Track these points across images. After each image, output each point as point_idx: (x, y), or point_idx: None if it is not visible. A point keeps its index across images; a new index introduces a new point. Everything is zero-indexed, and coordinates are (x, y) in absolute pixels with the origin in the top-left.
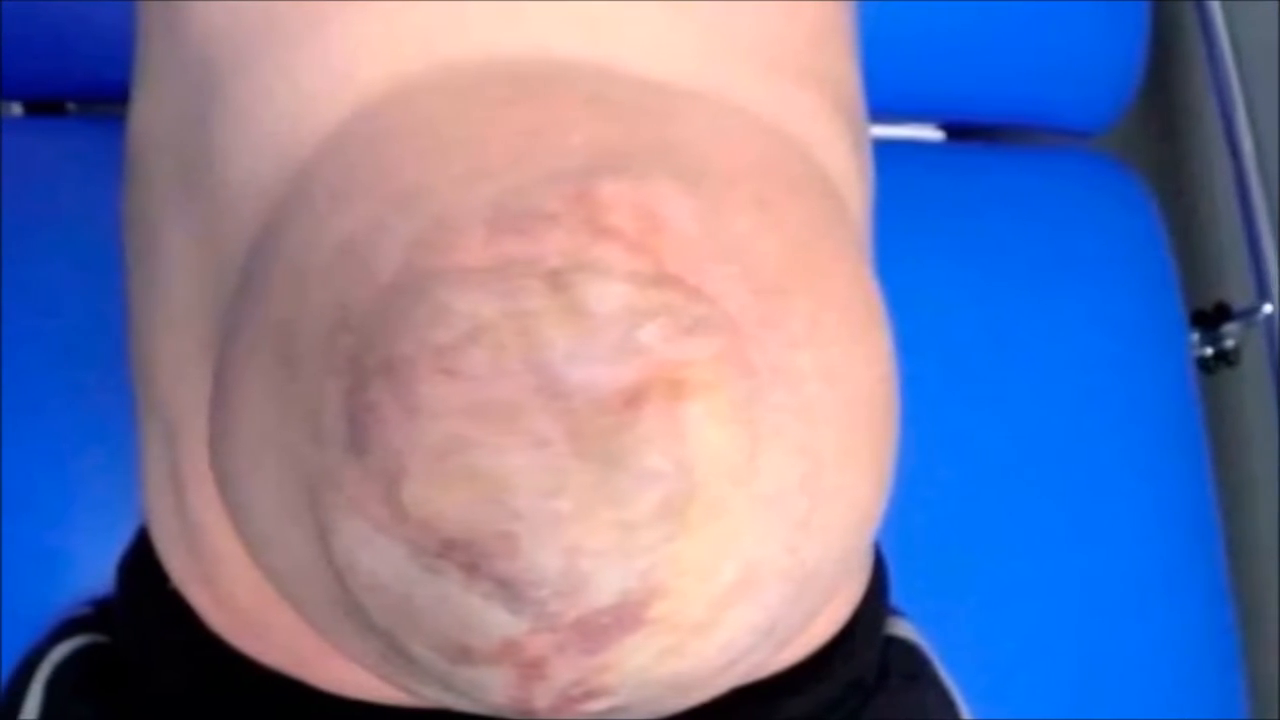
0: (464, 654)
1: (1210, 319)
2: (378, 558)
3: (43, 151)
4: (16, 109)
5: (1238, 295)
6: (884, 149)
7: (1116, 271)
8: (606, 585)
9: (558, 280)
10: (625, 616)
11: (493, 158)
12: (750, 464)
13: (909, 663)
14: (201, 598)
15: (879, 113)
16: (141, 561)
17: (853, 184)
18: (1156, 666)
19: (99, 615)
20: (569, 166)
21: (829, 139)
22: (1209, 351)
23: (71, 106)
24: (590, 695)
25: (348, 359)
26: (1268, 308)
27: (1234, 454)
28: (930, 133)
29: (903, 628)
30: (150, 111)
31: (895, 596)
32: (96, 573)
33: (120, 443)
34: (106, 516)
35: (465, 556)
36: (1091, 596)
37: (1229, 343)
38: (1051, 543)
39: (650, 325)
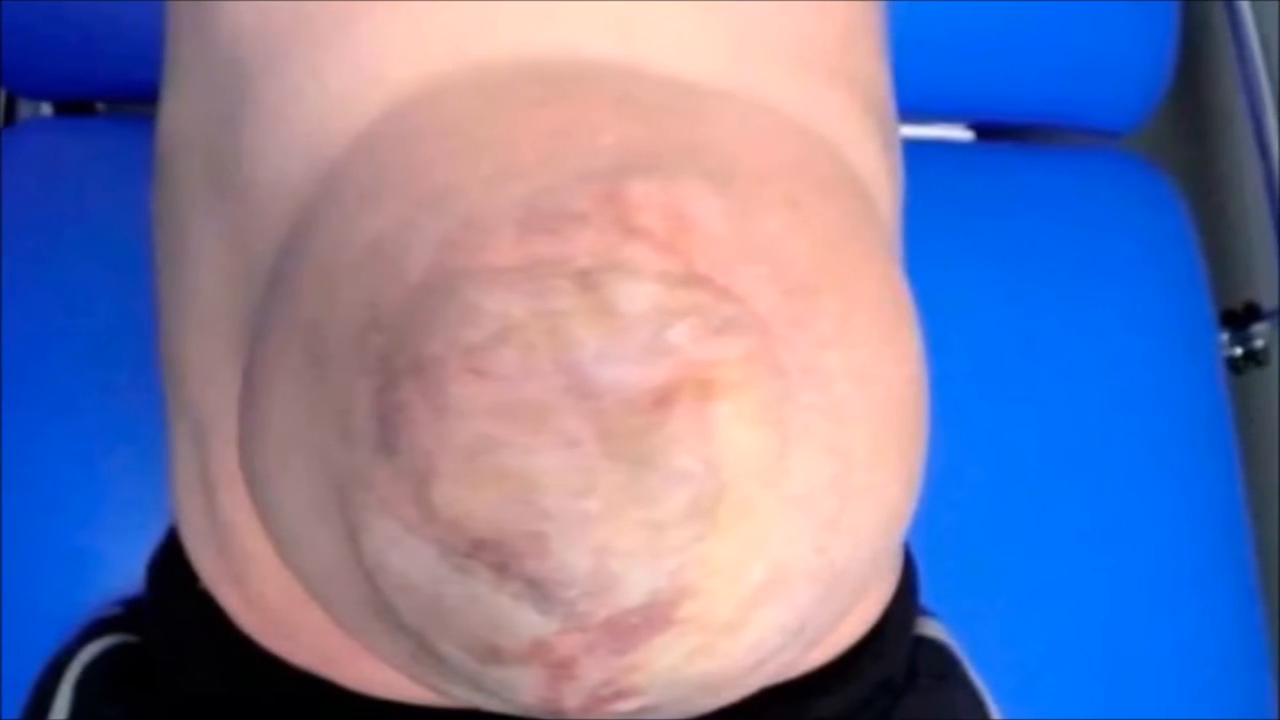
0: (493, 654)
1: (1240, 319)
2: (408, 558)
3: (72, 151)
4: (46, 109)
5: (1267, 295)
6: (913, 149)
7: (1146, 271)
8: (636, 585)
9: (587, 280)
10: (654, 616)
11: (523, 158)
12: (779, 464)
13: (938, 663)
14: (231, 598)
15: (909, 112)
16: (171, 561)
17: (882, 184)
18: (1185, 667)
19: (128, 615)
20: (599, 166)
21: (859, 139)
22: (1238, 351)
23: (101, 106)
24: (620, 695)
25: (377, 359)
26: None
27: (1263, 454)
28: (960, 133)
29: (932, 628)
30: (180, 111)
31: (924, 596)
32: (126, 573)
33: (150, 443)
34: (136, 516)
35: (495, 556)
36: (1120, 597)
37: (1258, 343)
38: (1080, 543)
39: (680, 325)
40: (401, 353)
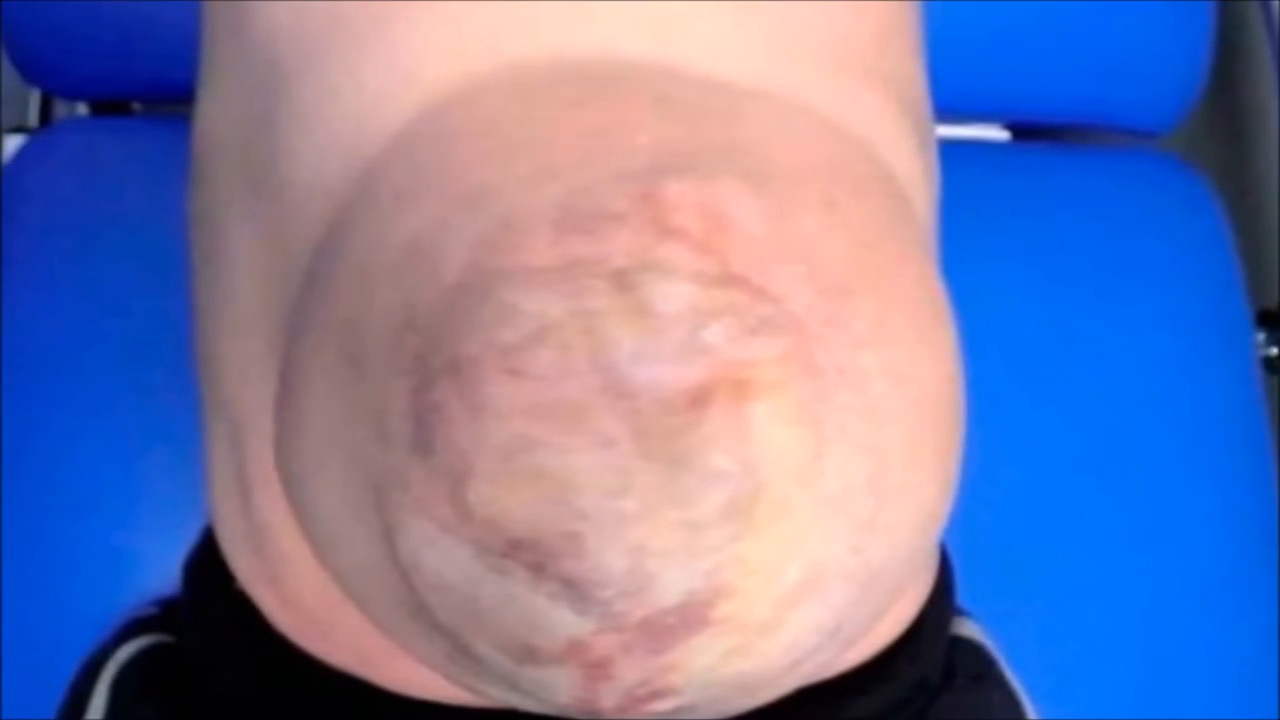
0: (529, 654)
1: (1276, 319)
2: (443, 558)
3: (108, 151)
4: (82, 109)
5: None
6: (949, 149)
7: (1181, 272)
8: (672, 585)
9: (623, 280)
10: (691, 616)
11: (559, 158)
12: (816, 464)
13: (974, 663)
14: (267, 598)
15: (944, 113)
16: (207, 561)
17: (918, 184)
18: (1221, 667)
19: (164, 615)
20: (635, 167)
21: (895, 139)
22: (1274, 351)
23: (137, 107)
24: (656, 695)
25: (413, 359)
26: None
27: None
28: (996, 133)
29: (968, 628)
30: (216, 111)
31: (961, 597)
32: (162, 573)
33: (186, 443)
34: (172, 516)
35: (531, 556)
36: (1156, 597)
37: None
38: (1116, 543)
39: (716, 325)
40: (437, 353)
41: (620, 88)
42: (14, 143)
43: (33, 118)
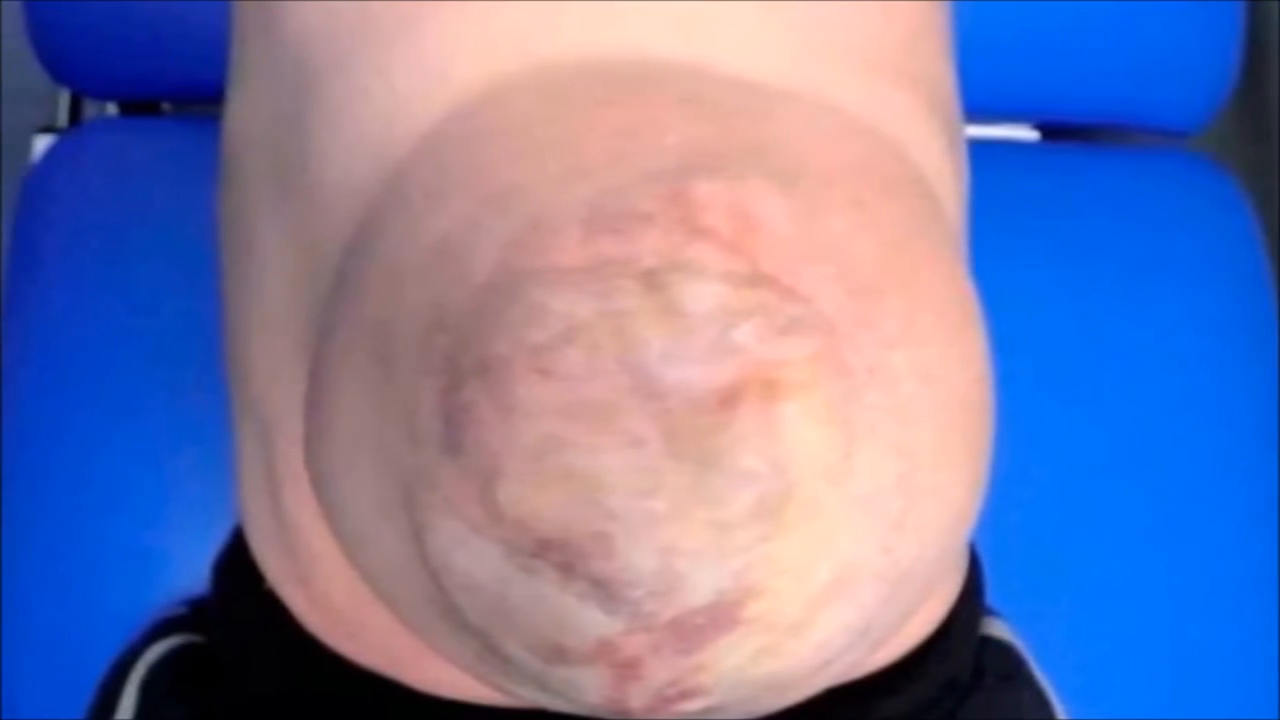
0: (559, 654)
1: None
2: (473, 558)
3: (138, 152)
4: (112, 109)
5: None
6: (979, 149)
7: (1211, 272)
8: (701, 585)
9: (653, 280)
10: (720, 616)
11: (588, 158)
12: (846, 464)
13: (1004, 663)
14: (297, 598)
15: (974, 113)
16: (236, 561)
17: (948, 184)
18: (1251, 668)
19: (194, 615)
20: (664, 167)
21: (924, 139)
22: None
23: (166, 107)
24: (685, 695)
25: (443, 359)
26: None
27: None
28: (1025, 133)
29: (998, 628)
30: (245, 111)
31: (990, 597)
32: (191, 572)
33: (215, 443)
34: (202, 516)
35: (560, 556)
36: (1185, 596)
37: None
38: (1146, 542)
39: (745, 325)
40: (467, 353)
41: (649, 87)
42: (43, 143)
43: (62, 118)
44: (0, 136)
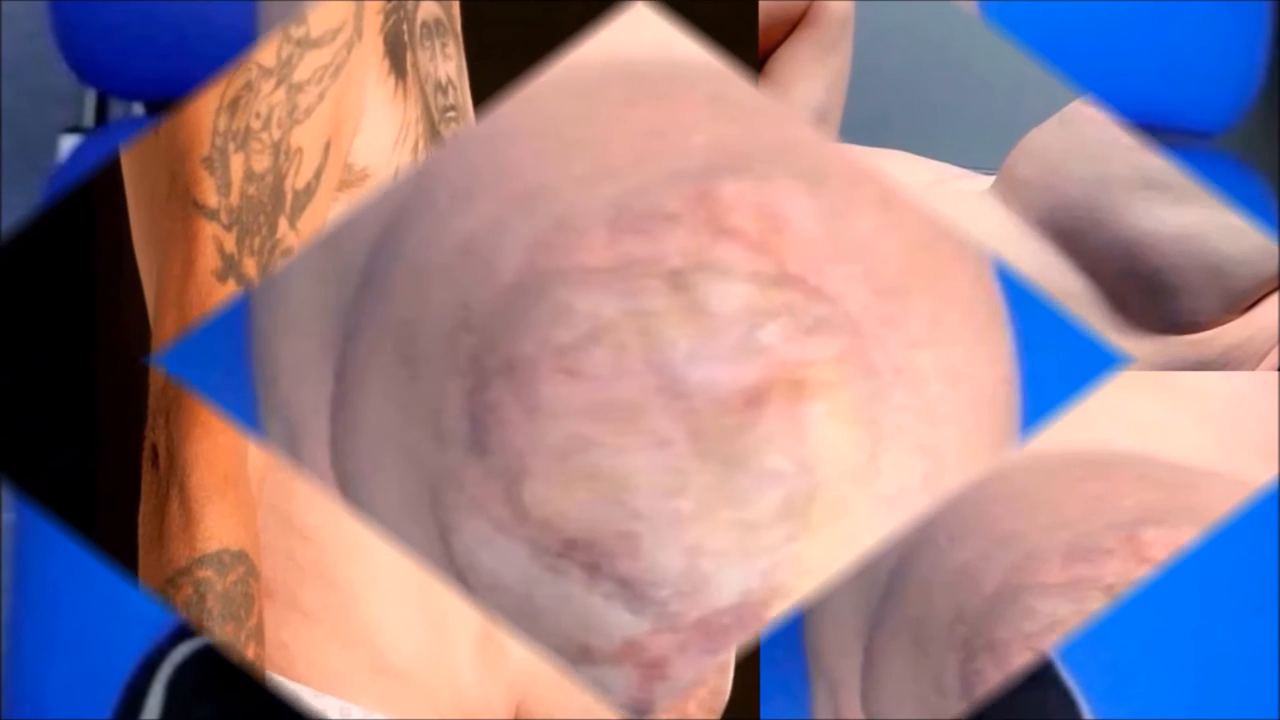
0: (585, 654)
1: None
2: (499, 557)
3: None
4: (138, 109)
5: None
6: None
7: None
8: (728, 585)
9: (679, 280)
10: (747, 616)
11: (614, 158)
12: (872, 464)
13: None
14: None
15: None
16: None
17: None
18: (1277, 667)
19: None
20: (690, 167)
21: None
22: None
23: None
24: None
25: (469, 359)
26: None
27: None
28: None
29: None
30: None
31: None
32: None
33: None
34: None
35: (586, 556)
36: (1211, 596)
37: None
38: None
39: (771, 325)
40: (493, 353)
41: (675, 87)
42: (70, 143)
43: (88, 118)
44: (26, 136)
